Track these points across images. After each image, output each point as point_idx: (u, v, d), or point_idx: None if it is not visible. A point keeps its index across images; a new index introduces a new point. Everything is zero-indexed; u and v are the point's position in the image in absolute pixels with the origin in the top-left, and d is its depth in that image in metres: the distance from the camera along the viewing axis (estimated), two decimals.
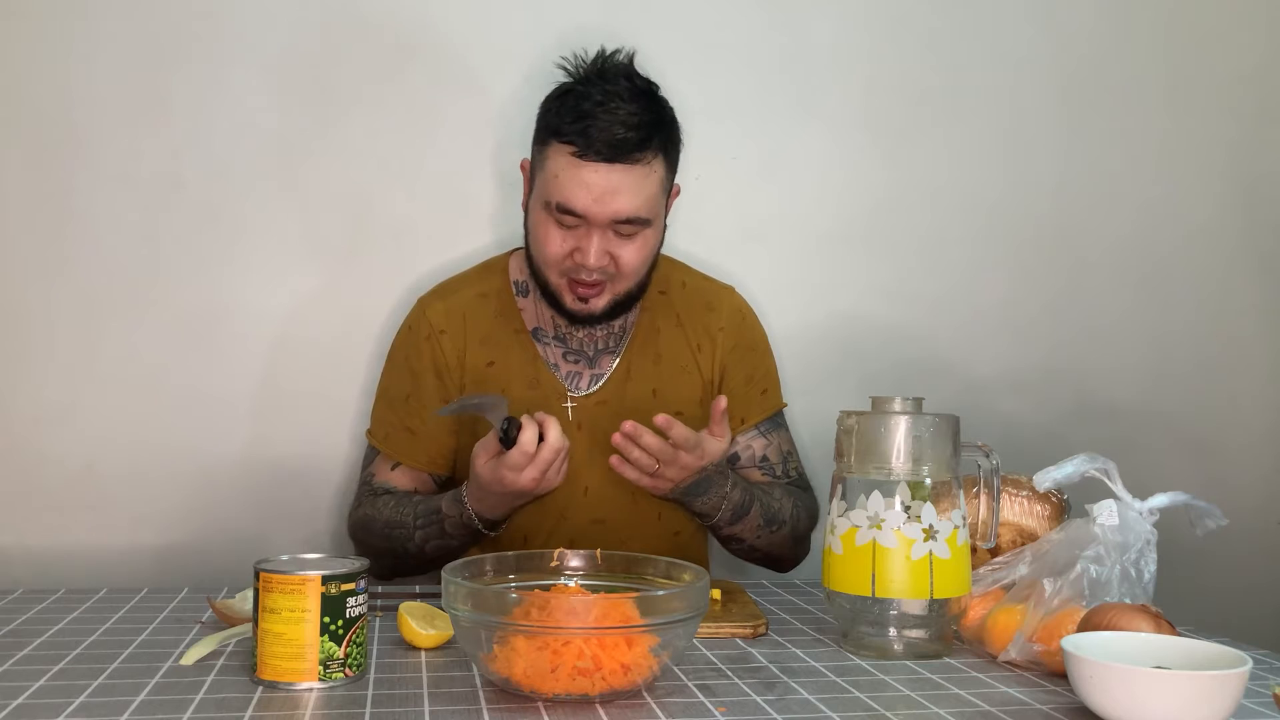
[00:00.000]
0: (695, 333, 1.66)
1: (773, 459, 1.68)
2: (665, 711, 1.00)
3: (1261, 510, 2.13)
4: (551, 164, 1.48)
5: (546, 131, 1.50)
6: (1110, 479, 1.28)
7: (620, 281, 1.53)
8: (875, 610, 1.20)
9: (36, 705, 0.99)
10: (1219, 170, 2.14)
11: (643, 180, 1.48)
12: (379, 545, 1.57)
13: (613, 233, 1.49)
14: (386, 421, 1.64)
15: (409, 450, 1.62)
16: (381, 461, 1.63)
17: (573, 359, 1.62)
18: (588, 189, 1.45)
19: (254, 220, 1.83)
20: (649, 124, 1.48)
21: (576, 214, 1.47)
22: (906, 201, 2.03)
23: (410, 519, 1.54)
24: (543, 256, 1.53)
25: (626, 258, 1.51)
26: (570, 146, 1.46)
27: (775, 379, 1.72)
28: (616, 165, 1.45)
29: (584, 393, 1.61)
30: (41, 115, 1.78)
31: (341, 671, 1.05)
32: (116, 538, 1.79)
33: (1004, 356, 2.06)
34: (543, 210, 1.50)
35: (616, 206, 1.46)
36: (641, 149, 1.46)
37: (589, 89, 1.48)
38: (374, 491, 1.62)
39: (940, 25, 2.03)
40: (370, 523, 1.58)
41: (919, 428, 1.22)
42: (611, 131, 1.44)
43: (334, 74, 1.85)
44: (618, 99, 1.46)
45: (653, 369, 1.64)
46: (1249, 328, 2.16)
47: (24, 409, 1.78)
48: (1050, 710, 1.04)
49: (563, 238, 1.50)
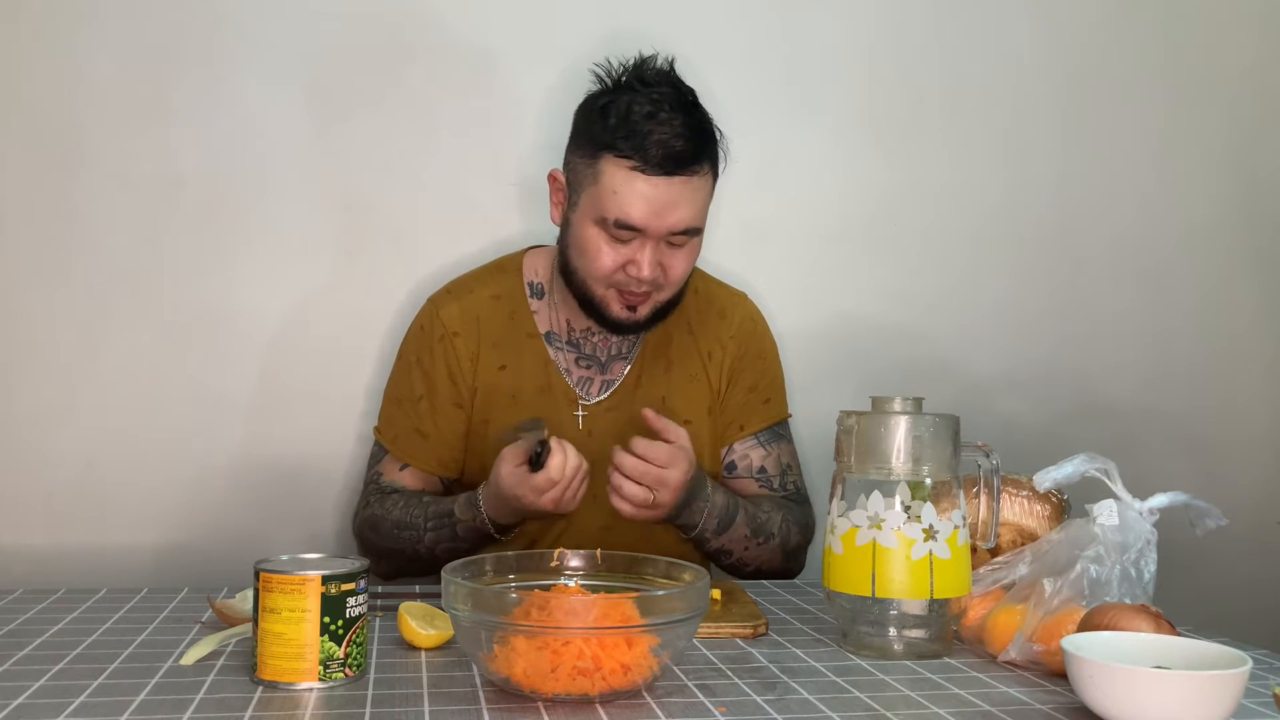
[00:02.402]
0: (706, 340, 1.66)
1: (770, 470, 1.66)
2: (665, 711, 1.00)
3: (1261, 510, 2.13)
4: (607, 178, 1.45)
5: (595, 144, 1.47)
6: (1110, 479, 1.28)
7: (666, 290, 1.53)
8: (875, 610, 1.20)
9: (36, 705, 0.99)
10: (1218, 169, 2.14)
11: (698, 191, 1.47)
12: (387, 546, 1.57)
13: (665, 244, 1.48)
14: (396, 422, 1.63)
15: (419, 453, 1.61)
16: (390, 461, 1.63)
17: (584, 364, 1.62)
18: (648, 203, 1.44)
19: (254, 220, 1.83)
20: (702, 134, 1.47)
21: (635, 228, 1.46)
22: (907, 201, 2.03)
23: (420, 520, 1.53)
24: (592, 271, 1.50)
25: (676, 267, 1.51)
26: (628, 161, 1.44)
27: (781, 389, 1.71)
28: (675, 178, 1.44)
29: (594, 399, 1.61)
30: (41, 115, 1.78)
31: (341, 671, 1.05)
32: (116, 538, 1.80)
33: (1004, 356, 2.06)
34: (594, 225, 1.48)
35: (675, 219, 1.46)
36: (698, 160, 1.46)
37: (635, 98, 1.45)
38: (381, 491, 1.61)
39: (941, 25, 2.03)
40: (379, 523, 1.58)
41: (919, 428, 1.22)
42: (670, 145, 1.43)
43: (335, 74, 1.85)
44: (666, 108, 1.44)
45: (663, 376, 1.63)
46: (1248, 326, 2.16)
47: (24, 409, 1.78)
48: (1050, 710, 1.04)
49: (615, 252, 1.48)
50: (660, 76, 1.49)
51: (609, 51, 1.61)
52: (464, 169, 1.89)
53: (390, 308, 1.85)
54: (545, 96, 1.88)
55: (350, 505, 1.83)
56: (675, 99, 1.46)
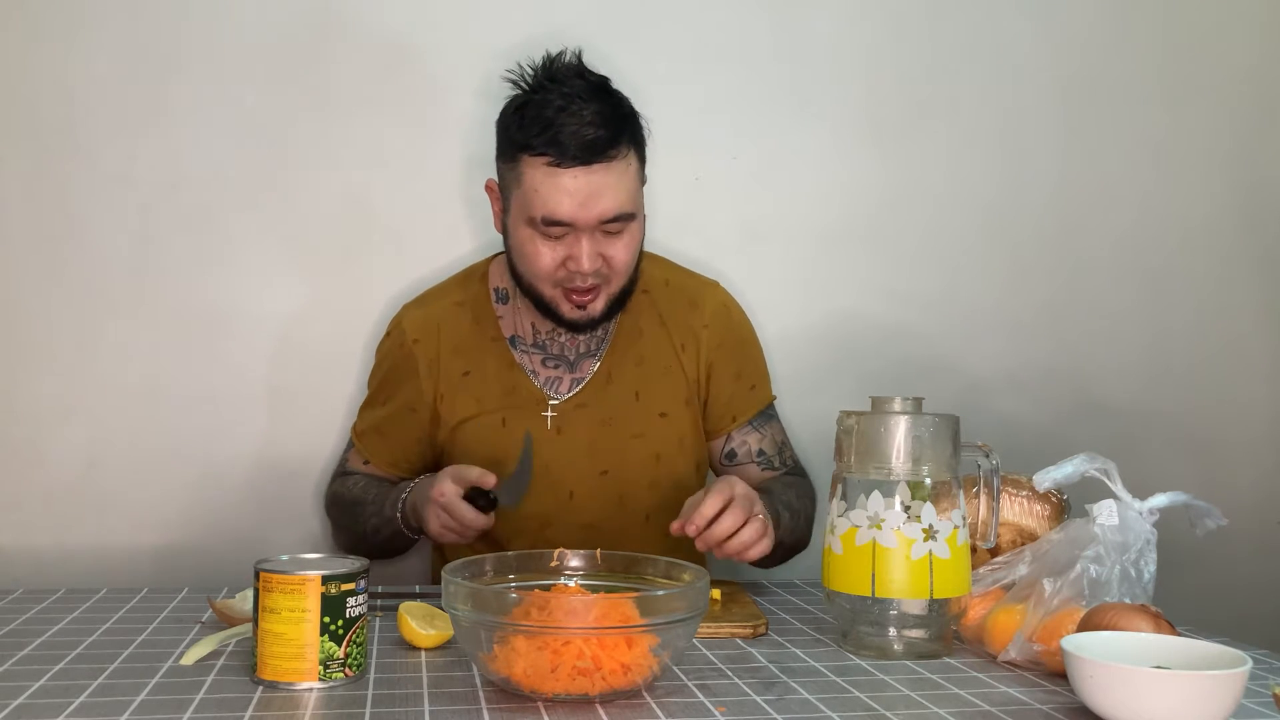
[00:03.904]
0: (679, 332, 1.66)
1: (769, 451, 1.68)
2: (665, 711, 1.00)
3: (1261, 510, 2.13)
4: (528, 179, 1.46)
5: (514, 147, 1.48)
6: (1110, 479, 1.28)
7: (614, 280, 1.53)
8: (875, 610, 1.20)
9: (36, 705, 0.99)
10: (1218, 169, 2.14)
11: (621, 176, 1.47)
12: (344, 520, 1.66)
13: (600, 234, 1.49)
14: (364, 419, 1.71)
15: (376, 450, 1.68)
16: (355, 454, 1.71)
17: (552, 364, 1.63)
18: (571, 195, 1.45)
19: (252, 222, 1.83)
20: (616, 119, 1.48)
21: (564, 223, 1.46)
22: (906, 201, 2.03)
23: (370, 497, 1.61)
24: (534, 272, 1.51)
25: (617, 255, 1.51)
26: (544, 157, 1.45)
27: (764, 372, 1.72)
28: (595, 166, 1.45)
29: (563, 398, 1.61)
30: (41, 116, 1.78)
31: (341, 671, 1.06)
32: (116, 538, 1.80)
33: (1004, 356, 2.06)
34: (526, 226, 1.49)
35: (602, 207, 1.46)
36: (615, 144, 1.46)
37: (546, 95, 1.47)
38: (344, 473, 1.71)
39: (939, 25, 2.03)
40: (338, 499, 1.68)
41: (919, 428, 1.22)
42: (582, 134, 1.44)
43: (331, 78, 1.85)
44: (578, 100, 1.45)
45: (635, 371, 1.63)
46: (1248, 327, 2.16)
47: (24, 409, 1.78)
48: (1050, 710, 1.04)
49: (552, 250, 1.49)
50: (570, 70, 1.50)
51: (606, 53, 1.61)
52: (459, 173, 1.88)
53: (389, 308, 1.84)
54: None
55: None
56: (585, 89, 1.47)
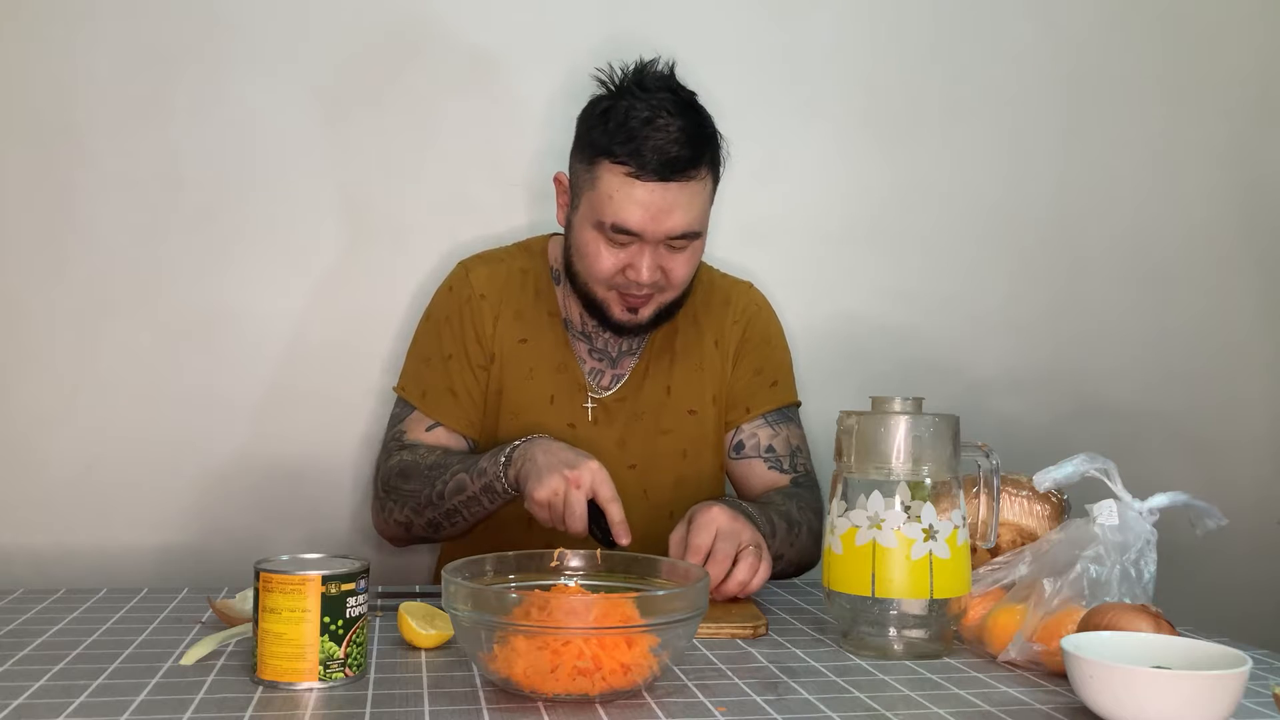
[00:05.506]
0: (711, 329, 1.67)
1: (779, 450, 1.65)
2: (665, 711, 1.00)
3: (1261, 510, 2.13)
4: (604, 184, 1.46)
5: (594, 149, 1.48)
6: (1110, 479, 1.28)
7: (668, 292, 1.54)
8: (875, 610, 1.20)
9: (36, 705, 0.99)
10: (1219, 170, 2.14)
11: (695, 195, 1.48)
12: (418, 490, 1.51)
13: (664, 247, 1.49)
14: (424, 379, 1.61)
15: (451, 412, 1.59)
16: (417, 420, 1.60)
17: (597, 356, 1.64)
18: (644, 208, 1.45)
19: (254, 220, 1.83)
20: (700, 139, 1.47)
21: (632, 233, 1.47)
22: (908, 202, 2.03)
23: (452, 461, 1.50)
24: (592, 273, 1.52)
25: (677, 270, 1.51)
26: (623, 166, 1.44)
27: (789, 374, 1.71)
28: (671, 183, 1.45)
29: (605, 392, 1.62)
30: (41, 115, 1.78)
31: (341, 671, 1.05)
32: (116, 538, 1.80)
33: (1005, 357, 2.06)
34: (593, 229, 1.49)
35: (671, 224, 1.46)
36: (695, 165, 1.46)
37: (634, 103, 1.46)
38: (404, 446, 1.59)
39: (941, 26, 2.03)
40: (409, 470, 1.53)
41: (919, 428, 1.22)
42: (666, 150, 1.43)
43: (334, 75, 1.85)
44: (665, 113, 1.45)
45: (668, 368, 1.64)
46: (1249, 328, 2.16)
47: (24, 409, 1.78)
48: (1050, 710, 1.04)
49: (614, 255, 1.49)
50: (660, 81, 1.49)
51: (609, 53, 1.61)
52: (464, 170, 1.89)
53: (389, 309, 1.85)
54: (545, 97, 1.89)
55: (353, 506, 1.84)
56: (673, 104, 1.47)
